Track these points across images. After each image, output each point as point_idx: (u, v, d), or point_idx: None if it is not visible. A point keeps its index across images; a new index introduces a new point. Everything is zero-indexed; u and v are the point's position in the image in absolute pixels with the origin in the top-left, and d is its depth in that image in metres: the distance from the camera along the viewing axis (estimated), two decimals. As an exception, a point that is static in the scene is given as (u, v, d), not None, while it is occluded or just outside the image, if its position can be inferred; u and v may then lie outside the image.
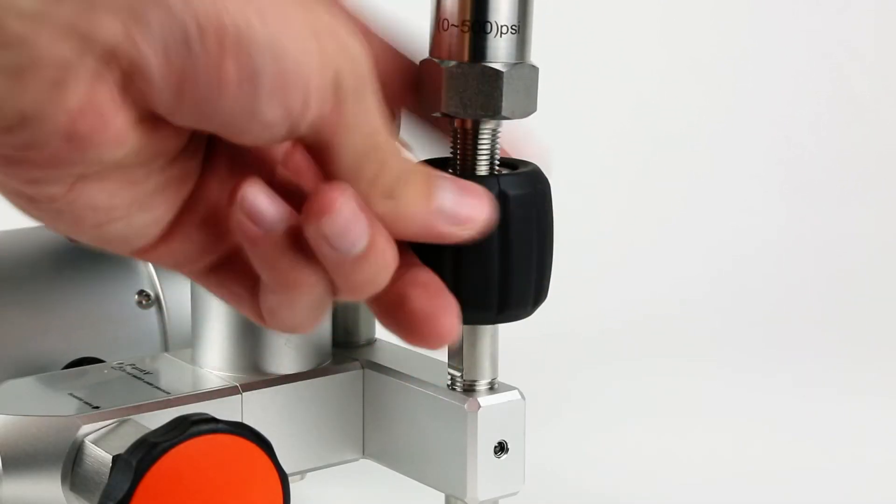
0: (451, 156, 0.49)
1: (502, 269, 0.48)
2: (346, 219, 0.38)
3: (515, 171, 0.49)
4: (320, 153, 0.39)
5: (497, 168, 0.49)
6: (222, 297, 0.42)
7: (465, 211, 0.42)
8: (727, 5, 1.22)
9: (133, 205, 0.38)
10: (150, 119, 0.37)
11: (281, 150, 0.42)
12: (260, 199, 0.38)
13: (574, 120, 1.10)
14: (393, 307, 0.41)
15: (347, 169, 0.39)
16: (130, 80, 0.35)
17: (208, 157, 0.40)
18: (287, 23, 0.36)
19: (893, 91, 1.23)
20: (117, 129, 0.36)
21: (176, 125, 0.37)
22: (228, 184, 0.40)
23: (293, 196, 0.41)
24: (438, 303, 0.41)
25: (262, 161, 0.41)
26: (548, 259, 0.50)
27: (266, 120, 0.37)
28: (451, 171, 0.48)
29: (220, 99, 0.36)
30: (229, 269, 0.42)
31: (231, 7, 0.35)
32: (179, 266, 0.42)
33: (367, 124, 0.38)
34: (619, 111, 1.16)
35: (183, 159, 0.39)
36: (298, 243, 0.38)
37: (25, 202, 0.38)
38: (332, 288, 0.40)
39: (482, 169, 0.48)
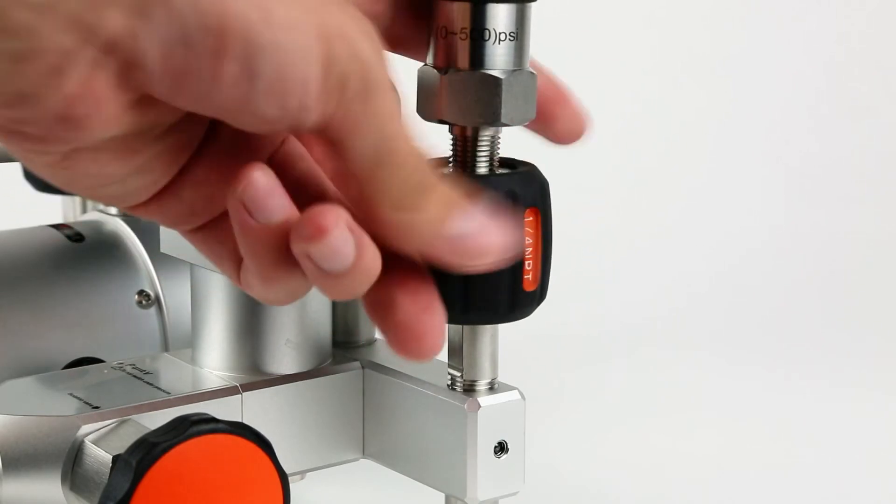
0: (450, 159, 0.49)
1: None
2: (335, 245, 0.37)
3: (513, 171, 0.49)
4: (335, 150, 0.38)
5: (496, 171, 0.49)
6: (204, 253, 0.42)
7: (476, 246, 0.40)
8: (726, 6, 1.22)
9: (128, 171, 0.38)
10: (147, 99, 0.37)
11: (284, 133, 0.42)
12: (263, 190, 0.37)
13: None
14: (381, 310, 0.41)
15: (360, 170, 0.38)
16: (129, 70, 0.35)
17: (213, 126, 0.40)
18: (293, 25, 0.36)
19: (893, 90, 1.23)
20: (112, 112, 0.36)
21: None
22: (230, 153, 0.40)
23: (296, 180, 0.40)
24: (427, 319, 0.40)
25: (267, 139, 0.41)
26: (547, 258, 0.50)
27: (262, 115, 0.37)
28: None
29: (215, 94, 0.36)
30: (217, 230, 0.41)
31: (237, 8, 0.35)
32: (168, 223, 0.41)
33: (377, 127, 0.38)
34: (618, 111, 1.16)
35: (182, 129, 0.39)
36: (287, 243, 0.38)
37: (24, 158, 0.38)
38: (311, 283, 0.40)
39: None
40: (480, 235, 0.40)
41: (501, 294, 0.48)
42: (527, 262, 0.48)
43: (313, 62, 0.36)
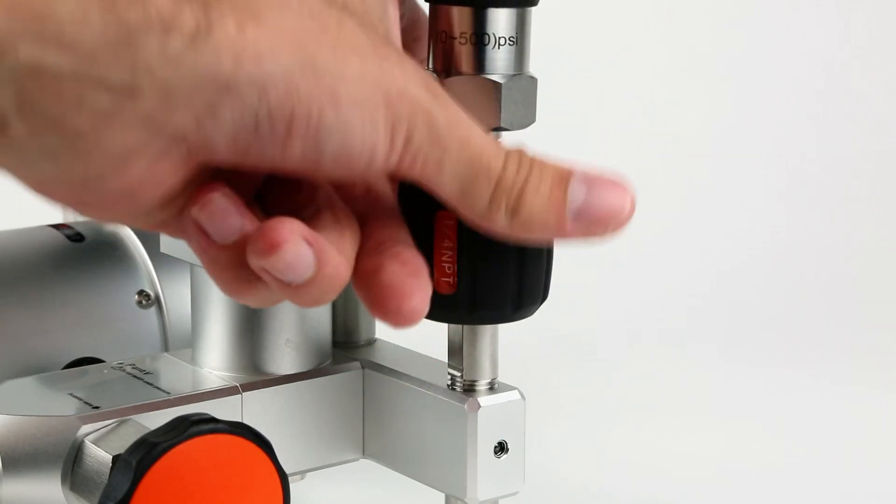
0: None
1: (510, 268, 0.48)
2: (289, 259, 0.37)
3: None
4: (424, 187, 0.39)
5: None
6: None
7: (602, 211, 0.40)
8: (728, 7, 1.22)
9: (157, 207, 0.38)
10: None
11: None
12: (219, 210, 0.37)
13: (575, 122, 1.10)
14: (368, 276, 0.40)
15: (457, 197, 0.39)
16: (195, 153, 0.36)
17: None
18: (359, 102, 0.36)
19: (894, 91, 1.23)
20: (172, 185, 0.37)
21: None
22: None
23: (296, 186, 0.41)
24: (413, 281, 0.40)
25: None
26: (550, 257, 0.50)
27: (329, 177, 0.38)
28: None
29: (282, 165, 0.37)
30: None
31: (304, 93, 0.36)
32: (175, 235, 0.41)
33: (456, 157, 0.38)
34: (619, 113, 1.16)
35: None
36: (245, 258, 0.38)
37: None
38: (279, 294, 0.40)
39: None
40: (604, 194, 0.40)
41: (509, 292, 0.48)
42: (446, 266, 0.48)
43: (380, 130, 0.37)
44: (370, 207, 0.42)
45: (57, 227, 0.64)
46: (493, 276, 0.48)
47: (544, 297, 0.50)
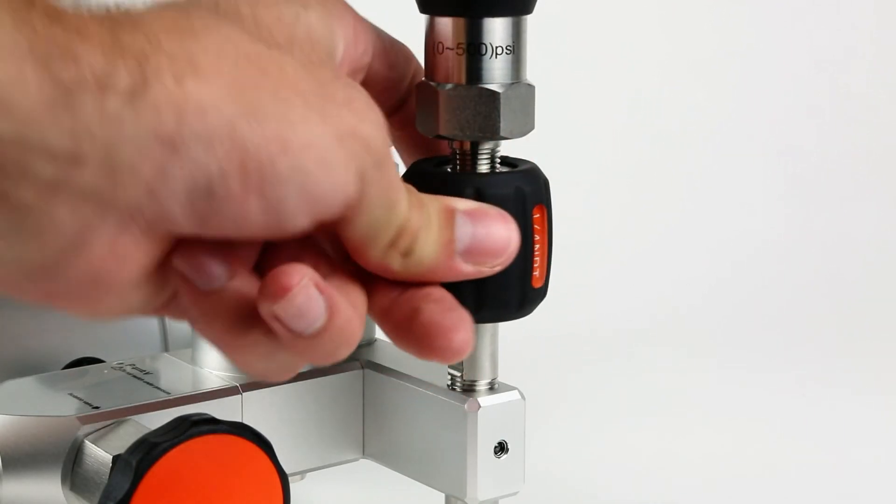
0: (449, 161, 0.49)
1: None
2: (300, 302, 0.36)
3: (513, 170, 0.49)
4: (337, 227, 0.38)
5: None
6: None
7: (489, 247, 0.40)
8: (728, 6, 1.22)
9: (136, 291, 0.37)
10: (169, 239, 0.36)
11: None
12: (199, 256, 0.36)
13: (573, 121, 1.10)
14: (405, 320, 0.40)
15: (362, 238, 0.38)
16: (153, 225, 0.35)
17: None
18: (310, 143, 0.35)
19: (893, 91, 1.23)
20: (140, 263, 0.36)
21: None
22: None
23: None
24: (453, 315, 0.40)
25: None
26: (549, 255, 0.50)
27: (293, 230, 0.36)
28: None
29: (245, 227, 0.35)
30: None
31: (253, 143, 0.34)
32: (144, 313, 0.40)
33: (386, 198, 0.38)
34: (617, 112, 1.16)
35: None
36: (241, 307, 0.37)
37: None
38: (283, 349, 0.38)
39: None
40: (490, 228, 0.40)
41: (512, 291, 0.48)
42: (535, 259, 0.48)
43: (337, 171, 0.36)
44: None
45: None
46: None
47: (541, 297, 0.50)
